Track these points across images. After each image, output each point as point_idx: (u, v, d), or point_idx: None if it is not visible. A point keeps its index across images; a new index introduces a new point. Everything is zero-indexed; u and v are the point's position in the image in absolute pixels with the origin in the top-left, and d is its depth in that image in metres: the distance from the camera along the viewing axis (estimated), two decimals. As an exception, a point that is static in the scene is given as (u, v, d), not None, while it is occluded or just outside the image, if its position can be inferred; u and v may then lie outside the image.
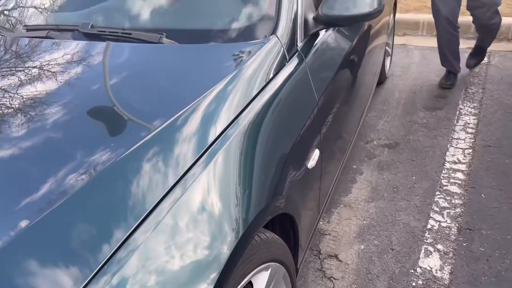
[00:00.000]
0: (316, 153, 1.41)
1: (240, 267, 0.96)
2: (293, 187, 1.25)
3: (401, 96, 3.30)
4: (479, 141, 2.63)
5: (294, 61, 1.39)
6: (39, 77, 1.24)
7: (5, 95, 1.17)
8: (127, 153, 0.93)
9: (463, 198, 2.16)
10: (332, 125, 1.60)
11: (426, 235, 1.95)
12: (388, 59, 3.56)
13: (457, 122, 2.88)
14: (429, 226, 1.99)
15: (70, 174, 0.88)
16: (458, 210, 2.08)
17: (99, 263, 0.75)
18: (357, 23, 1.53)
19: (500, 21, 3.07)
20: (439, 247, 1.87)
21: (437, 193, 2.21)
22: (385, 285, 1.71)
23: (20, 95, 1.16)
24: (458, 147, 2.59)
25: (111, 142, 0.97)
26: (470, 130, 2.76)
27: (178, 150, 0.97)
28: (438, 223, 2.01)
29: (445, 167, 2.42)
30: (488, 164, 2.40)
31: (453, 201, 2.14)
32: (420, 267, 1.78)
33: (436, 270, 1.76)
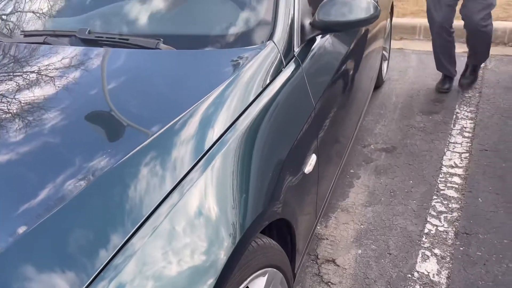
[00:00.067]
0: (313, 158, 1.42)
1: (237, 273, 0.96)
2: (290, 192, 1.25)
3: (398, 100, 3.31)
4: (475, 145, 2.64)
5: (291, 67, 1.39)
6: (37, 83, 1.25)
7: (3, 101, 1.17)
8: (125, 158, 0.93)
9: (460, 202, 2.17)
10: (329, 129, 1.60)
11: (423, 239, 1.95)
12: (385, 63, 3.58)
13: (454, 126, 2.89)
14: (426, 231, 2.00)
15: (68, 180, 0.89)
16: (455, 214, 2.09)
17: (97, 269, 0.75)
18: (353, 28, 1.54)
19: (492, 28, 3.03)
20: (436, 251, 1.88)
21: (434, 197, 2.22)
22: (383, 289, 1.72)
23: (18, 100, 1.17)
24: (455, 151, 2.60)
25: (109, 147, 0.98)
26: (466, 134, 2.77)
27: (175, 155, 0.97)
28: (435, 227, 2.01)
29: (442, 171, 2.42)
30: (484, 168, 2.41)
31: (450, 205, 2.15)
32: (418, 272, 1.78)
33: (433, 274, 1.76)
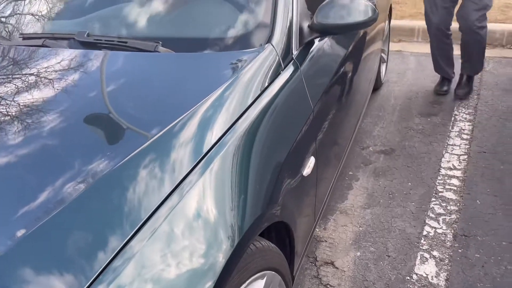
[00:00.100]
0: (311, 161, 1.42)
1: (235, 276, 0.96)
2: (289, 195, 1.25)
3: (396, 102, 3.32)
4: (474, 147, 2.65)
5: (290, 69, 1.40)
6: (36, 85, 1.25)
7: (2, 103, 1.17)
8: (124, 161, 0.93)
9: (458, 204, 2.17)
10: (327, 132, 1.60)
11: (422, 241, 1.95)
12: (384, 65, 3.58)
13: (452, 128, 2.89)
14: (424, 233, 2.00)
15: (67, 183, 0.89)
16: (453, 216, 2.09)
17: (96, 272, 0.75)
18: (351, 31, 1.55)
19: (487, 31, 3.02)
20: (435, 253, 1.88)
21: (433, 199, 2.22)
22: (381, 291, 1.72)
23: (17, 103, 1.17)
24: (453, 153, 2.60)
25: (108, 150, 0.98)
26: (465, 136, 2.78)
27: (174, 158, 0.97)
28: (434, 229, 2.02)
29: (440, 173, 2.43)
30: (483, 170, 2.42)
31: (449, 207, 2.15)
32: (416, 274, 1.78)
33: (432, 276, 1.76)
